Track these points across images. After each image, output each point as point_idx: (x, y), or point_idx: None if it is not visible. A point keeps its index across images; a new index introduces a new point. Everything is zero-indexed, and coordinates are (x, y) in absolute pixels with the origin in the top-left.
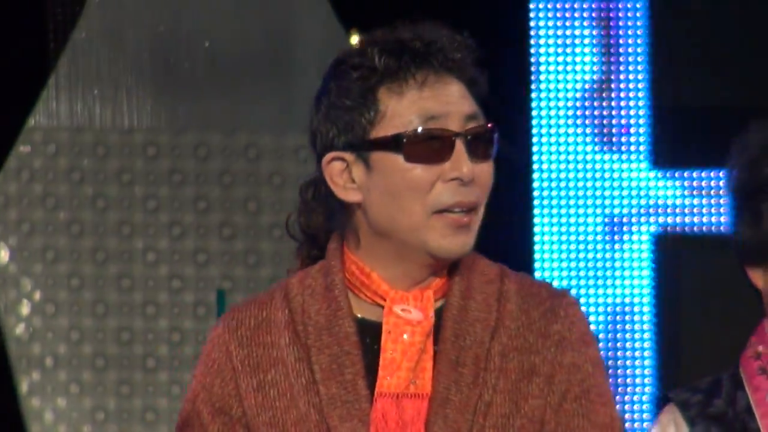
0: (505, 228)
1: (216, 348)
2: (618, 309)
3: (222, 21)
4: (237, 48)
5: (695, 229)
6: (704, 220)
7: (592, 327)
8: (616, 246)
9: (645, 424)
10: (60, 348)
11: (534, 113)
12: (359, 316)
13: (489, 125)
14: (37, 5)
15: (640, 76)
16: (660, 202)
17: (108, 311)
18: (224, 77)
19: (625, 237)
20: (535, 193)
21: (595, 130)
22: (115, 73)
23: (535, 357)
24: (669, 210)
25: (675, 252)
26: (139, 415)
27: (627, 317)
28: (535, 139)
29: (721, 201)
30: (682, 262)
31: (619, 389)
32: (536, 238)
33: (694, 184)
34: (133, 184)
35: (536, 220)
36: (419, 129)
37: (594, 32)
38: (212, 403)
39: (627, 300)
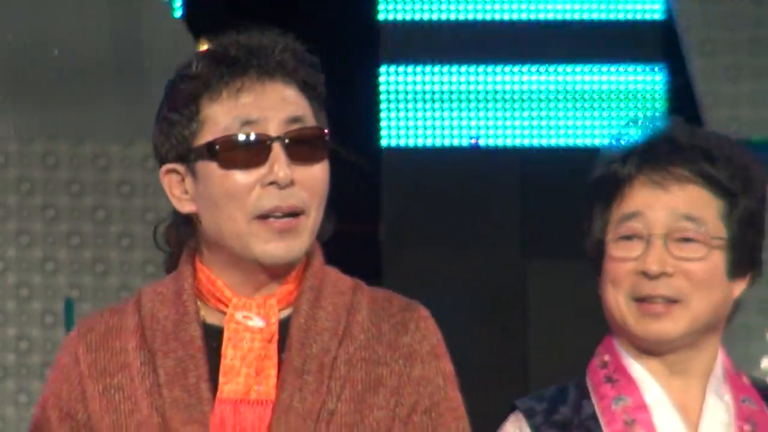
0: (353, 235)
1: (66, 353)
2: None
3: (70, 31)
4: (85, 58)
5: None
6: None
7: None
8: None
9: None
10: None
11: (383, 124)
12: (207, 321)
13: (312, 128)
14: None
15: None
16: None
17: None
18: (73, 86)
19: None
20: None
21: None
22: None
23: (382, 369)
24: None
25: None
26: None
27: None
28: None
29: None
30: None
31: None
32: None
33: None
34: None
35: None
36: (232, 134)
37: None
38: (60, 407)
39: None
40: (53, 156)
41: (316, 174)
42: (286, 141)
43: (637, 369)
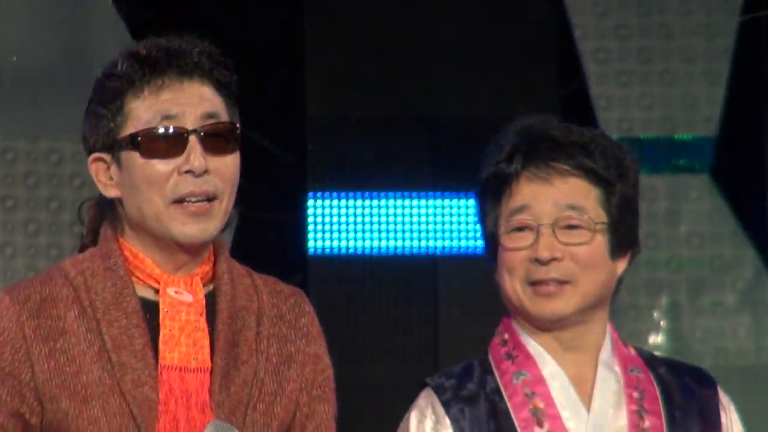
0: (278, 223)
1: (5, 319)
2: None
3: (27, 39)
4: (40, 63)
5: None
6: None
7: None
8: None
9: None
10: None
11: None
12: (139, 295)
13: (225, 122)
14: None
15: None
16: None
17: None
18: (29, 89)
19: None
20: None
21: None
22: None
23: (291, 346)
24: None
25: None
26: None
27: None
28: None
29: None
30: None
31: None
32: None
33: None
34: None
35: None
36: (153, 127)
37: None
38: (1, 368)
39: None
40: (12, 152)
41: (229, 164)
42: (202, 134)
43: (534, 346)
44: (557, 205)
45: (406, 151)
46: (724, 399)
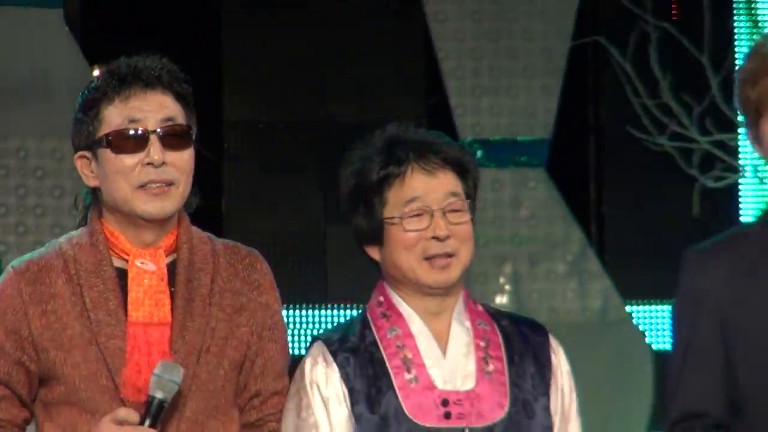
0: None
1: (9, 287)
2: None
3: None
4: (10, 79)
5: None
6: None
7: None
8: None
9: None
10: None
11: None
12: (115, 265)
13: (181, 125)
14: None
15: None
16: None
17: None
18: (1, 100)
19: None
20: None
21: None
22: None
23: (242, 297)
24: None
25: None
26: None
27: None
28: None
29: None
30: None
31: None
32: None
33: None
34: None
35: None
36: (122, 129)
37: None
38: (6, 326)
39: None
40: (24, 150)
41: (184, 157)
42: (161, 133)
43: (405, 308)
44: (443, 193)
45: (301, 152)
46: (554, 343)
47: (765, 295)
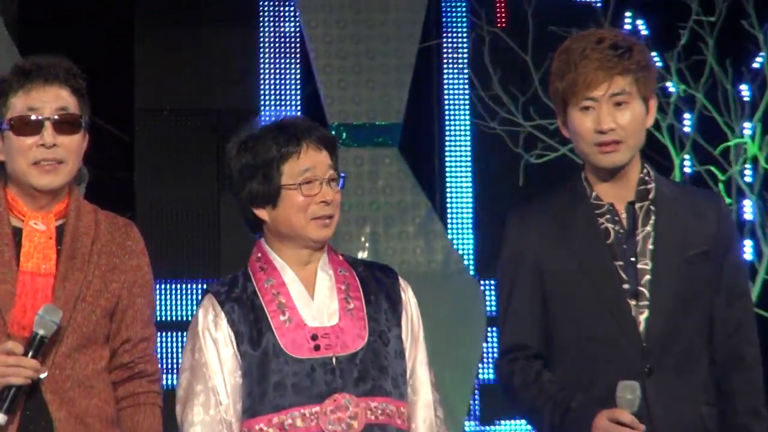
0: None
1: None
2: None
3: None
4: None
5: None
6: None
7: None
8: None
9: None
10: None
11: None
12: (13, 225)
13: (72, 114)
14: None
15: None
16: None
17: None
18: None
19: None
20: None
21: None
22: None
23: (116, 259)
24: None
25: None
26: None
27: None
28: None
29: None
30: None
31: None
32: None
33: None
34: None
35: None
36: (23, 116)
37: None
38: None
39: None
40: None
41: (73, 141)
42: (54, 120)
43: (279, 261)
44: (327, 165)
45: (200, 134)
46: (403, 283)
47: (568, 245)
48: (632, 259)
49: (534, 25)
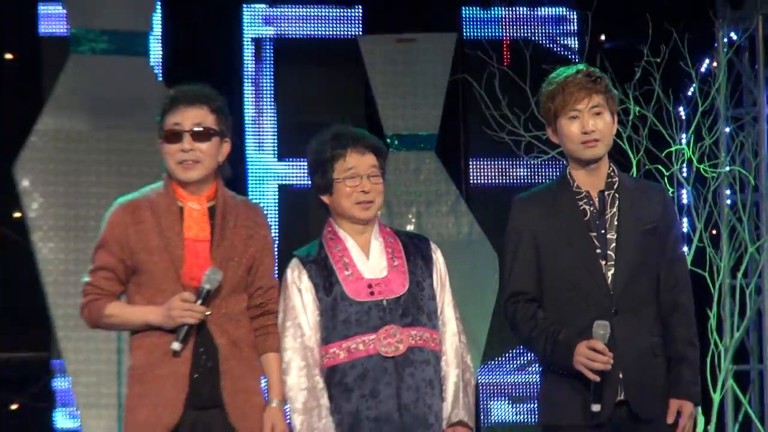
0: None
1: (116, 215)
2: None
3: None
4: (116, 102)
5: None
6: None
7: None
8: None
9: None
10: None
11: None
12: (179, 205)
13: (206, 127)
14: None
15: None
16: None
17: None
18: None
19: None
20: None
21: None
22: None
23: (251, 231)
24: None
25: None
26: None
27: None
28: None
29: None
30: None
31: None
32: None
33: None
34: None
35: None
36: (170, 128)
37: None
38: (114, 238)
39: None
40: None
41: (207, 146)
42: (192, 132)
43: (342, 233)
44: (368, 165)
45: None
46: (433, 246)
47: (556, 220)
48: (603, 231)
49: (531, 63)
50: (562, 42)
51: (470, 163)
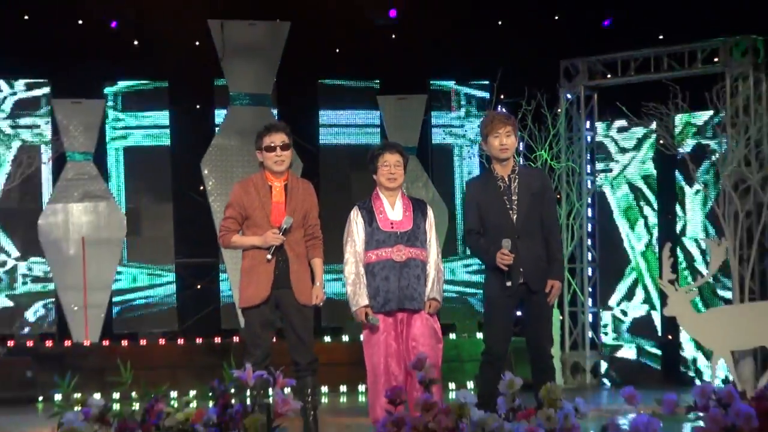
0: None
1: (237, 186)
2: None
3: None
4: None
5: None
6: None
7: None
8: None
9: None
10: None
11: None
12: (269, 184)
13: (287, 143)
14: None
15: None
16: None
17: None
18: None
19: None
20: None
21: None
22: None
23: (307, 197)
24: None
25: None
26: None
27: None
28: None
29: None
30: None
31: None
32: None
33: None
34: None
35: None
36: (267, 145)
37: None
38: (237, 200)
39: None
40: None
41: (289, 153)
42: (280, 146)
43: (382, 197)
44: (396, 160)
45: None
46: (428, 207)
47: (486, 192)
48: (511, 196)
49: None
50: (479, 97)
51: (432, 163)
